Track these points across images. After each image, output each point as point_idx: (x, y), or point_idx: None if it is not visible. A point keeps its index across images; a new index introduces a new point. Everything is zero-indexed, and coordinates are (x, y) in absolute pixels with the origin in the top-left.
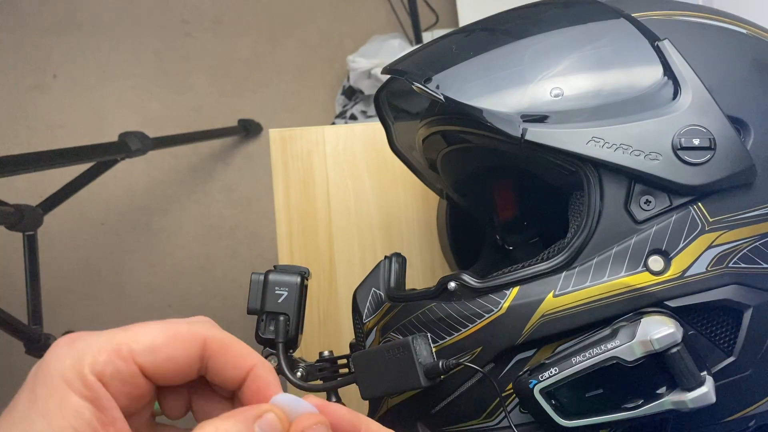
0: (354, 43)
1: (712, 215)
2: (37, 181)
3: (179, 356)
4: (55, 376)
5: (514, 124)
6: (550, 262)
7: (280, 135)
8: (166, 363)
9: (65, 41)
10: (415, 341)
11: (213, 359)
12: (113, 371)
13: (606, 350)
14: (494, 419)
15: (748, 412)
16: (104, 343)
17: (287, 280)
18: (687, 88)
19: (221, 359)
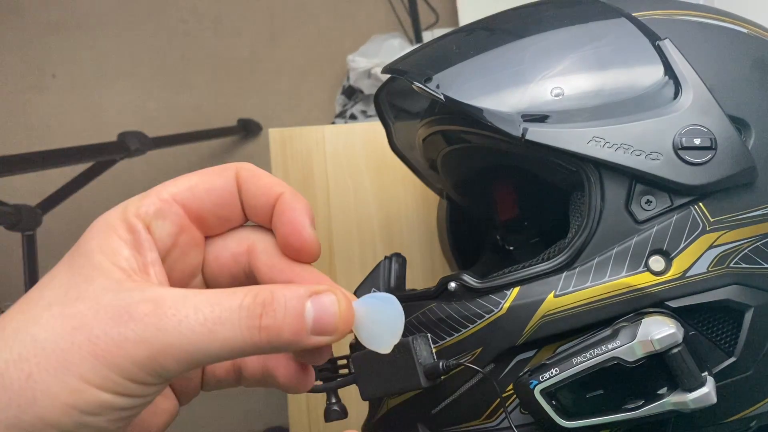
0: (354, 42)
1: (713, 215)
2: (37, 181)
3: (216, 185)
4: (101, 224)
5: (514, 124)
6: (551, 262)
7: (280, 135)
8: (206, 195)
9: (65, 41)
10: (415, 342)
11: (245, 187)
12: (156, 211)
13: (607, 351)
14: (495, 420)
15: (750, 413)
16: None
17: None
18: (688, 88)
19: (252, 187)
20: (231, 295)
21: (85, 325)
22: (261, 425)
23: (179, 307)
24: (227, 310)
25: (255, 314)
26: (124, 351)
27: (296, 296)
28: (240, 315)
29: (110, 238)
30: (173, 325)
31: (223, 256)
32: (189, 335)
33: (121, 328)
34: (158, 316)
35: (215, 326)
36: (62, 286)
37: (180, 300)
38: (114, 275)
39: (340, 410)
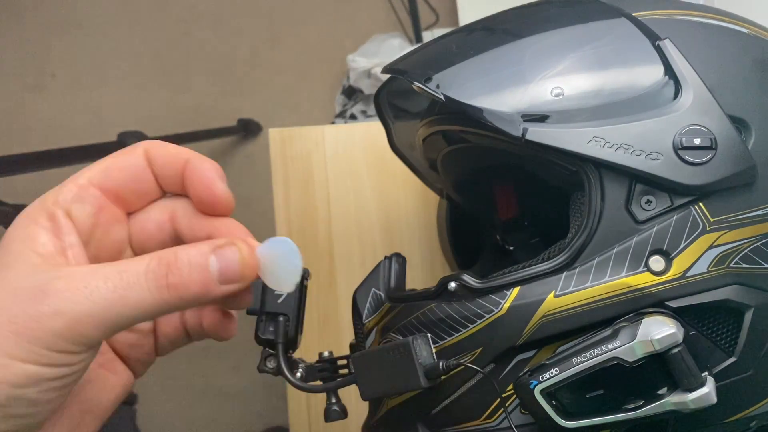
0: (354, 42)
1: (714, 215)
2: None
3: (128, 164)
4: (22, 216)
5: (514, 124)
6: (551, 262)
7: (280, 135)
8: (120, 174)
9: (65, 41)
10: (415, 342)
11: (154, 161)
12: (74, 197)
13: (607, 351)
14: (495, 420)
15: (750, 413)
16: (65, 182)
17: None
18: (688, 88)
19: (160, 159)
20: (137, 261)
21: (4, 308)
22: (261, 425)
23: (89, 279)
24: (134, 275)
25: (161, 275)
26: (42, 325)
27: (199, 253)
28: (147, 278)
29: (29, 227)
30: (85, 295)
31: (148, 227)
32: (102, 303)
33: (38, 305)
34: (71, 290)
35: (125, 291)
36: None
37: (90, 273)
38: (31, 260)
39: (340, 410)
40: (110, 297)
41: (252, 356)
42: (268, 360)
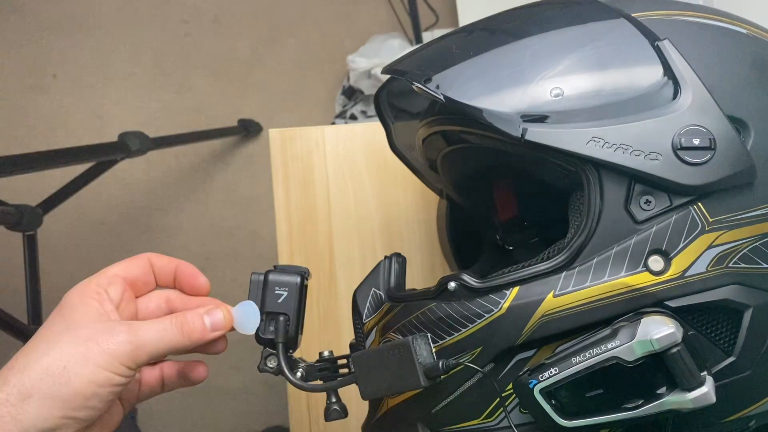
0: (354, 43)
1: (712, 215)
2: (37, 181)
3: (139, 265)
4: (77, 291)
5: (514, 124)
6: (550, 262)
7: (280, 135)
8: (134, 270)
9: (65, 41)
10: (415, 341)
11: (155, 267)
12: (108, 283)
13: (606, 350)
14: (494, 419)
15: (748, 412)
16: (100, 274)
17: (287, 280)
18: (687, 88)
19: (158, 266)
20: (165, 319)
21: (92, 338)
22: (261, 425)
23: (140, 325)
24: (166, 324)
25: (179, 325)
26: (120, 348)
27: (198, 314)
28: (173, 326)
29: (84, 299)
30: (140, 334)
31: (150, 306)
32: (150, 339)
33: (114, 336)
34: (132, 331)
35: (163, 333)
36: (63, 325)
37: (138, 323)
38: (95, 316)
39: (340, 410)
40: (154, 336)
41: (252, 356)
42: (268, 359)
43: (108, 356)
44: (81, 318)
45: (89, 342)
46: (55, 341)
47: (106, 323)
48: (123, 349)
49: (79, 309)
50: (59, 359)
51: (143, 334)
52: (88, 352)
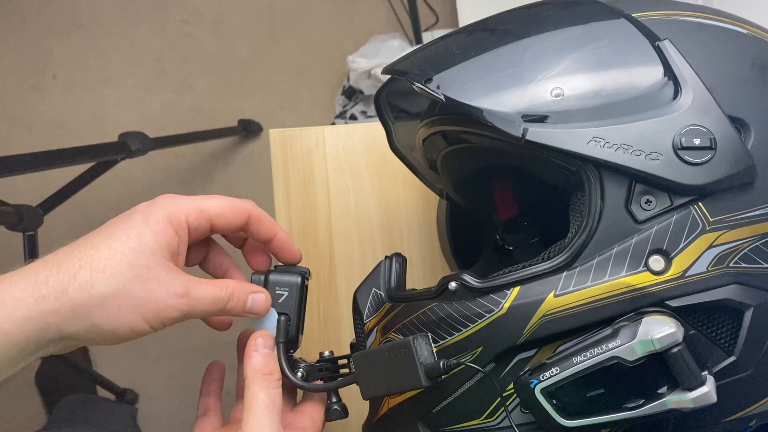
0: (354, 43)
1: (713, 215)
2: (37, 181)
3: (234, 220)
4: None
5: (514, 124)
6: (551, 262)
7: (280, 135)
8: (226, 224)
9: (65, 41)
10: (415, 341)
11: (252, 225)
12: (196, 224)
13: (607, 350)
14: (495, 419)
15: (749, 412)
16: (194, 204)
17: (288, 280)
18: (687, 88)
19: (257, 225)
20: (223, 288)
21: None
22: None
23: (197, 293)
24: (223, 297)
25: (227, 298)
26: (170, 314)
27: (247, 291)
28: (225, 300)
29: (171, 226)
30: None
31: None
32: (200, 309)
33: (171, 300)
34: (188, 297)
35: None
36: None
37: (199, 287)
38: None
39: (340, 410)
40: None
41: None
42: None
43: (157, 315)
44: (155, 249)
45: (149, 293)
46: (123, 269)
47: (170, 276)
48: (172, 315)
49: (159, 234)
50: (117, 297)
51: (197, 304)
52: (142, 304)
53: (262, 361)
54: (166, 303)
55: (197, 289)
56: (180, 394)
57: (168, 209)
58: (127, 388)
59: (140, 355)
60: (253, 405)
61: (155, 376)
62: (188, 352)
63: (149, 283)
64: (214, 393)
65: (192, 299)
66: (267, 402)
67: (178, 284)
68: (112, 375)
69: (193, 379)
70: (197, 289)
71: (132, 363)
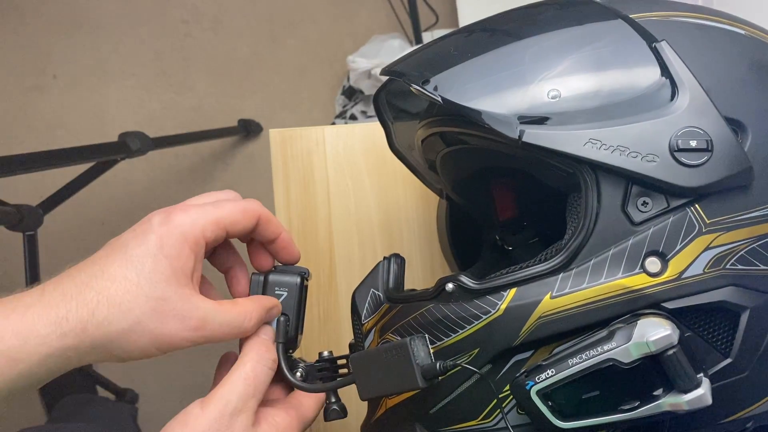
0: (354, 43)
1: (710, 217)
2: (37, 181)
3: (247, 225)
4: (177, 234)
5: (511, 126)
6: (548, 263)
7: (280, 135)
8: (240, 229)
9: (65, 41)
10: (412, 342)
11: (261, 225)
12: (214, 236)
13: (603, 352)
14: (492, 420)
15: (746, 414)
16: (209, 216)
17: (287, 280)
18: (684, 90)
19: (264, 226)
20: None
21: (165, 314)
22: None
23: (216, 320)
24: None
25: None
26: (180, 343)
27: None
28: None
29: (185, 244)
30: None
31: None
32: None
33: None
34: (201, 328)
35: (232, 331)
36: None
37: (216, 315)
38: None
39: (339, 410)
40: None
41: None
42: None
43: (170, 345)
44: (170, 275)
45: (164, 326)
46: (139, 302)
47: (188, 306)
48: (181, 344)
49: (174, 259)
50: (133, 332)
51: (211, 336)
52: (157, 336)
53: (263, 340)
54: (180, 336)
55: (214, 320)
56: (180, 394)
57: (183, 228)
58: (127, 388)
59: None
60: (234, 372)
61: (155, 376)
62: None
63: (165, 316)
64: None
65: (207, 331)
66: (249, 374)
67: (193, 317)
68: (112, 375)
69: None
70: (214, 320)
71: (132, 363)
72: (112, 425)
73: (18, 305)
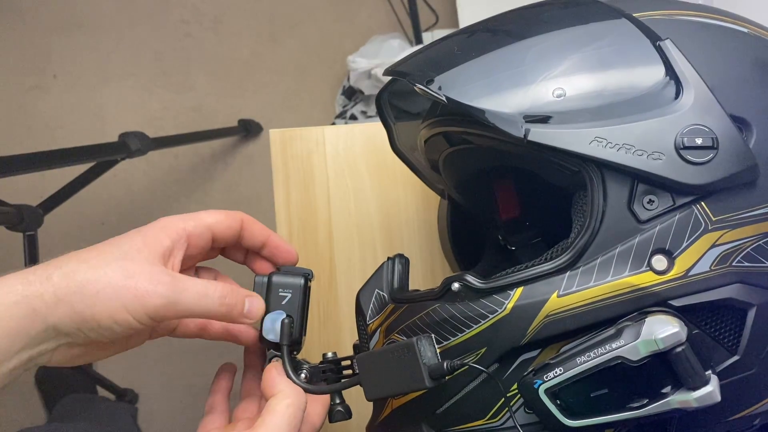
0: (354, 43)
1: (716, 214)
2: (37, 181)
3: (231, 225)
4: (157, 225)
5: (516, 125)
6: (554, 262)
7: (280, 135)
8: (224, 229)
9: (65, 41)
10: (419, 342)
11: (245, 229)
12: (197, 232)
13: (611, 350)
14: (499, 419)
15: (753, 411)
16: (190, 216)
17: (291, 281)
18: (689, 88)
19: (250, 229)
20: (214, 286)
21: (135, 275)
22: None
23: (184, 284)
24: (210, 292)
25: (222, 297)
26: (152, 301)
27: (241, 294)
28: (215, 296)
29: (165, 232)
30: (179, 293)
31: None
32: (187, 301)
33: (154, 286)
34: (173, 286)
35: (203, 299)
36: (127, 246)
37: (187, 280)
38: (157, 253)
39: (344, 411)
40: (193, 298)
41: None
42: (273, 361)
43: (138, 303)
44: (143, 248)
45: (129, 280)
46: (108, 261)
47: (155, 267)
48: (155, 302)
49: (149, 238)
50: (98, 282)
51: (182, 294)
52: (122, 290)
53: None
54: (146, 288)
55: (185, 280)
56: (180, 394)
57: (164, 222)
58: (127, 388)
59: (140, 355)
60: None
61: (155, 376)
62: (188, 353)
63: (131, 271)
64: (222, 392)
65: (178, 288)
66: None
67: (161, 273)
68: (112, 375)
69: (192, 379)
70: (184, 281)
71: (132, 363)
72: (112, 425)
73: None
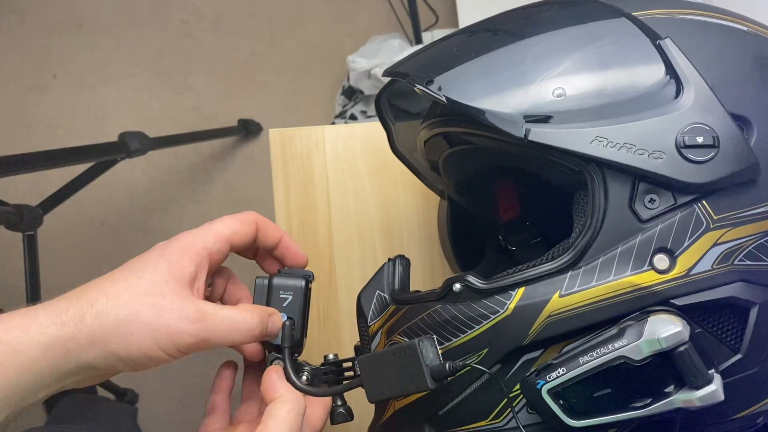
0: (354, 43)
1: (717, 213)
2: (37, 181)
3: (248, 231)
4: (178, 245)
5: (517, 125)
6: (555, 262)
7: (280, 135)
8: (241, 238)
9: (65, 41)
10: (421, 343)
11: (260, 231)
12: (217, 247)
13: (613, 349)
14: (502, 420)
15: (756, 409)
16: (208, 231)
17: (292, 283)
18: (689, 87)
19: (264, 231)
20: (242, 317)
21: (166, 313)
22: None
23: (215, 318)
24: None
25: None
26: (184, 340)
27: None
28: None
29: (187, 256)
30: (210, 329)
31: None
32: (219, 335)
33: (185, 325)
34: (203, 323)
35: (231, 334)
36: (154, 278)
37: (216, 316)
38: (184, 283)
39: (346, 413)
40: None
41: None
42: (274, 364)
43: (170, 341)
44: (170, 280)
45: (161, 318)
46: (136, 297)
47: (184, 302)
48: (186, 341)
49: (174, 266)
50: (130, 324)
51: (212, 333)
52: (155, 331)
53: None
54: (178, 328)
55: (215, 314)
56: (180, 394)
57: (184, 242)
58: (127, 388)
59: None
60: (278, 413)
61: (155, 376)
62: None
63: (162, 309)
64: (223, 391)
65: (208, 323)
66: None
67: (192, 309)
68: None
69: (192, 379)
70: (215, 315)
71: None
72: (112, 425)
73: (26, 308)
